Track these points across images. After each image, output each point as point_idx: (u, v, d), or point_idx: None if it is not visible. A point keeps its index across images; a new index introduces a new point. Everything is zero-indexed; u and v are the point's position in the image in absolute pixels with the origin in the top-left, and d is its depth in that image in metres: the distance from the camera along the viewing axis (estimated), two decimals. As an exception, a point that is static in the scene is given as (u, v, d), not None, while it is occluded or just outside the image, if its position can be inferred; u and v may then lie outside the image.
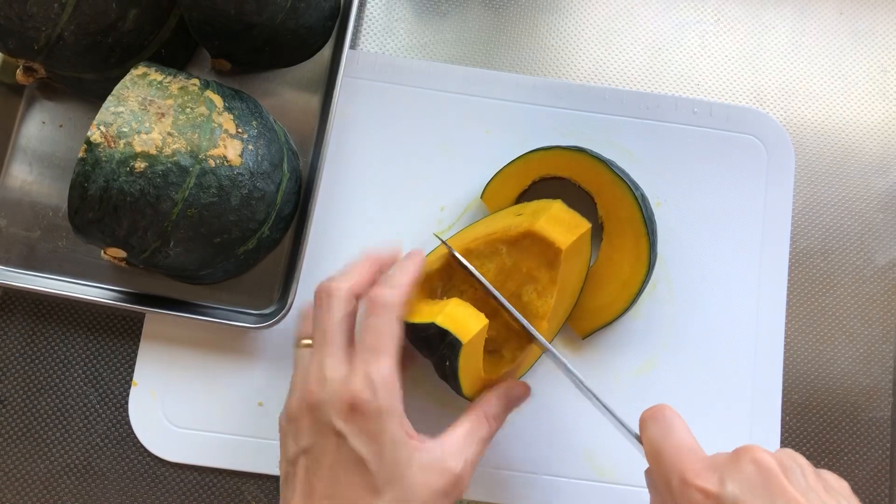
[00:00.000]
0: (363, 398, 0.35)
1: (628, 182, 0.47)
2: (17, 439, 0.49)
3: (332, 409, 0.36)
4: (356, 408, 0.35)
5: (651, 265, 0.47)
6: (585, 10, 0.56)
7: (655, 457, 0.37)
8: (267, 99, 0.52)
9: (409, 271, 0.40)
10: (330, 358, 0.37)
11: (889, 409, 0.51)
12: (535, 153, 0.49)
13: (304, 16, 0.47)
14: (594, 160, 0.48)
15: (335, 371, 0.37)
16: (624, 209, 0.47)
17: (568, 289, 0.46)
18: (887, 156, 0.55)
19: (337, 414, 0.36)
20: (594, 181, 0.48)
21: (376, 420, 0.36)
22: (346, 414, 0.36)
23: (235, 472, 0.49)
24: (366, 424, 0.36)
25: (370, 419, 0.35)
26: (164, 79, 0.43)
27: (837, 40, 0.56)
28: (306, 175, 0.50)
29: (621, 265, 0.48)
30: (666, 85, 0.55)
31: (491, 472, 0.48)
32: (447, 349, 0.39)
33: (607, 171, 0.48)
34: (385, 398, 0.36)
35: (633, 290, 0.47)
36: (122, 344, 0.50)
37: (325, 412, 0.36)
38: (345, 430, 0.36)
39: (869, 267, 0.53)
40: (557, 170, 0.49)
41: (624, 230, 0.48)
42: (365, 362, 0.37)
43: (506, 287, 0.46)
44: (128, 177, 0.39)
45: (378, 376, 0.36)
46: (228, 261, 0.45)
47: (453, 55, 0.55)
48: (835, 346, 0.52)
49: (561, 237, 0.44)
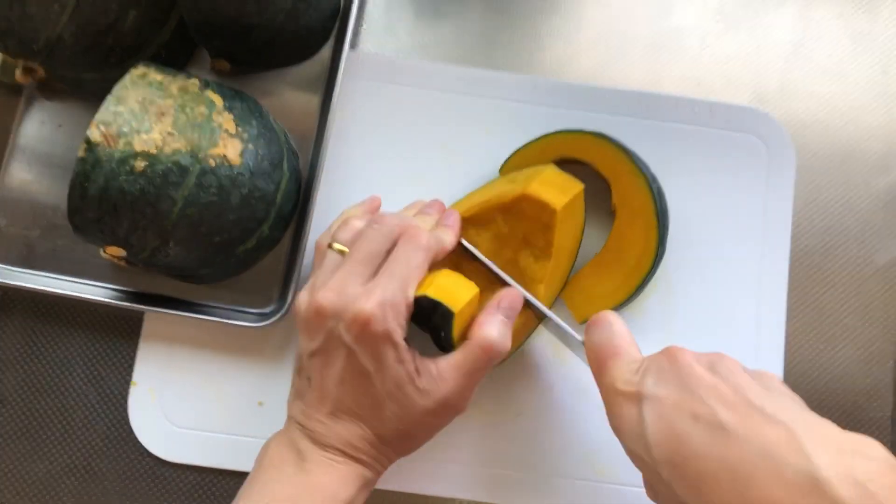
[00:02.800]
0: (374, 319, 0.37)
1: (647, 174, 0.47)
2: (17, 439, 0.49)
3: (344, 322, 0.38)
4: (366, 327, 0.37)
5: (658, 258, 0.47)
6: (585, 10, 0.56)
7: (594, 363, 0.39)
8: (267, 99, 0.52)
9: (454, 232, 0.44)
10: (355, 276, 0.39)
11: (889, 409, 0.51)
12: (558, 134, 0.50)
13: (305, 16, 0.47)
14: (615, 148, 0.48)
15: (355, 289, 0.38)
16: (638, 199, 0.47)
17: (564, 251, 0.47)
18: (887, 155, 0.55)
19: (347, 329, 0.38)
20: (612, 168, 0.48)
21: (382, 342, 0.38)
22: (356, 331, 0.37)
23: (235, 472, 0.49)
24: (373, 343, 0.38)
25: (377, 340, 0.37)
26: (164, 79, 0.42)
27: (838, 40, 0.56)
28: (306, 175, 0.50)
29: (628, 255, 0.48)
30: (666, 85, 0.55)
31: (491, 472, 0.48)
32: (440, 319, 0.40)
33: (627, 160, 0.47)
34: (392, 323, 0.38)
35: (636, 281, 0.47)
36: (122, 344, 0.50)
37: (336, 324, 0.38)
38: (353, 345, 0.38)
39: (869, 266, 0.53)
40: (577, 152, 0.49)
41: (635, 220, 0.48)
42: (384, 287, 0.38)
43: (502, 254, 0.46)
44: (128, 176, 0.39)
45: (392, 302, 0.38)
46: (228, 260, 0.45)
47: (453, 55, 0.55)
48: (835, 346, 0.52)
49: (555, 199, 0.45)
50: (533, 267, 0.46)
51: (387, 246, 0.40)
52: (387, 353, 0.38)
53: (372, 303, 0.37)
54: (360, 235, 0.41)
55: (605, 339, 0.39)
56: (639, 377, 0.36)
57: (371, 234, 0.41)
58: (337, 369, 0.39)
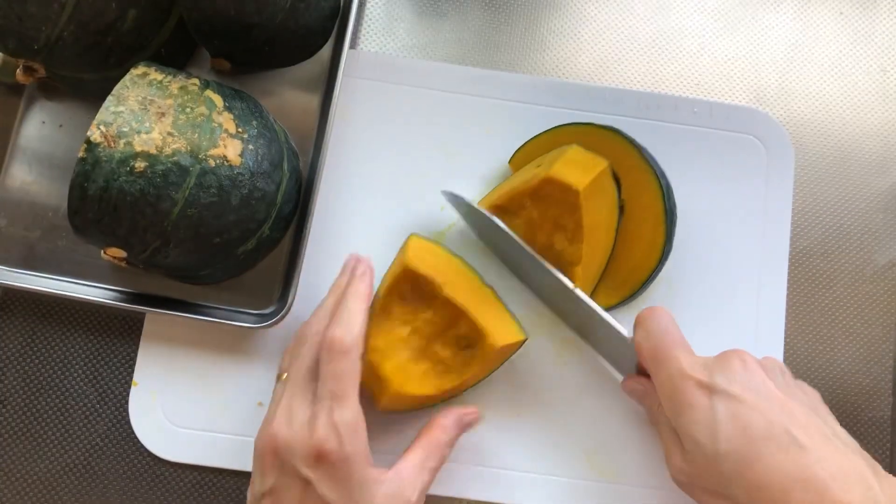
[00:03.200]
0: (329, 448, 0.36)
1: (656, 170, 0.47)
2: (17, 439, 0.49)
3: (298, 456, 0.37)
4: (323, 457, 0.36)
5: (664, 256, 0.47)
6: (585, 10, 0.56)
7: (653, 350, 0.41)
8: (267, 99, 0.52)
9: (360, 298, 0.41)
10: (298, 398, 0.38)
11: (889, 409, 0.51)
12: (569, 126, 0.50)
13: (304, 16, 0.47)
14: (626, 142, 0.48)
15: (301, 415, 0.37)
16: (647, 196, 0.47)
17: (599, 232, 0.46)
18: (887, 156, 0.55)
19: (303, 461, 0.36)
20: (622, 163, 0.48)
21: (343, 466, 0.36)
22: (312, 462, 0.36)
23: (235, 472, 0.49)
24: (333, 472, 0.36)
25: (337, 466, 0.36)
26: (164, 78, 0.42)
27: (837, 40, 0.56)
28: (306, 175, 0.50)
29: (633, 251, 0.48)
30: (666, 85, 0.55)
31: (491, 472, 0.48)
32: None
33: (637, 156, 0.47)
34: (350, 444, 0.37)
35: (640, 277, 0.47)
36: (122, 344, 0.50)
37: (290, 457, 0.37)
38: (311, 476, 0.36)
39: (869, 267, 0.53)
40: (587, 146, 0.49)
41: (643, 217, 0.48)
42: (328, 409, 0.37)
43: (538, 240, 0.46)
44: (128, 177, 0.39)
45: (342, 423, 0.37)
46: (228, 261, 0.45)
47: (453, 55, 0.55)
48: (835, 346, 0.52)
49: (577, 179, 0.44)
50: (569, 250, 0.46)
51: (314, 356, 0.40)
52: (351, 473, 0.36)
53: (324, 431, 0.36)
54: (290, 361, 0.41)
55: (667, 328, 0.42)
56: (708, 371, 0.39)
57: (299, 352, 0.40)
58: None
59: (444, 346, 0.44)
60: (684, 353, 0.40)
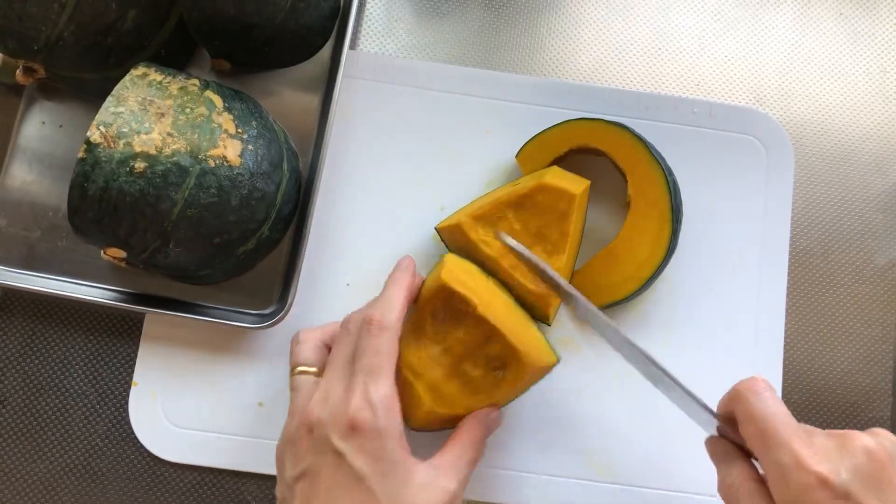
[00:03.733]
0: (363, 417, 0.36)
1: (664, 167, 0.47)
2: (17, 439, 0.49)
3: (332, 428, 0.36)
4: (356, 427, 0.36)
5: (670, 252, 0.47)
6: (585, 11, 0.56)
7: (760, 435, 0.35)
8: (267, 99, 0.52)
9: (402, 285, 0.41)
10: (333, 383, 0.38)
11: (889, 409, 0.51)
12: (577, 121, 0.50)
13: (304, 16, 0.47)
14: (634, 138, 0.48)
15: (337, 394, 0.37)
16: (654, 192, 0.47)
17: (574, 247, 0.47)
18: (887, 156, 0.55)
19: (337, 433, 0.36)
20: (630, 159, 0.48)
21: (376, 439, 0.36)
22: (346, 433, 0.36)
23: (235, 472, 0.49)
24: (366, 443, 0.36)
25: (370, 438, 0.36)
26: (164, 79, 0.43)
27: (837, 40, 0.56)
28: (306, 175, 0.50)
29: (639, 247, 0.48)
30: (666, 85, 0.55)
31: (491, 472, 0.48)
32: None
33: (645, 152, 0.48)
34: (385, 418, 0.36)
35: (646, 274, 0.47)
36: (122, 344, 0.50)
37: (324, 432, 0.37)
38: (344, 448, 0.36)
39: (869, 267, 0.53)
40: (596, 141, 0.49)
41: (650, 213, 0.48)
42: (364, 383, 0.37)
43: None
44: (128, 177, 0.39)
45: (378, 397, 0.37)
46: (228, 261, 0.45)
47: (453, 55, 0.55)
48: (835, 346, 0.52)
49: (571, 186, 0.45)
50: (549, 261, 0.46)
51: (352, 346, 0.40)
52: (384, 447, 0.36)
53: (359, 402, 0.36)
54: (334, 344, 0.41)
55: (774, 411, 0.36)
56: (828, 465, 0.33)
57: (340, 339, 0.40)
58: (324, 487, 0.36)
59: (475, 365, 0.44)
60: (797, 438, 0.35)
